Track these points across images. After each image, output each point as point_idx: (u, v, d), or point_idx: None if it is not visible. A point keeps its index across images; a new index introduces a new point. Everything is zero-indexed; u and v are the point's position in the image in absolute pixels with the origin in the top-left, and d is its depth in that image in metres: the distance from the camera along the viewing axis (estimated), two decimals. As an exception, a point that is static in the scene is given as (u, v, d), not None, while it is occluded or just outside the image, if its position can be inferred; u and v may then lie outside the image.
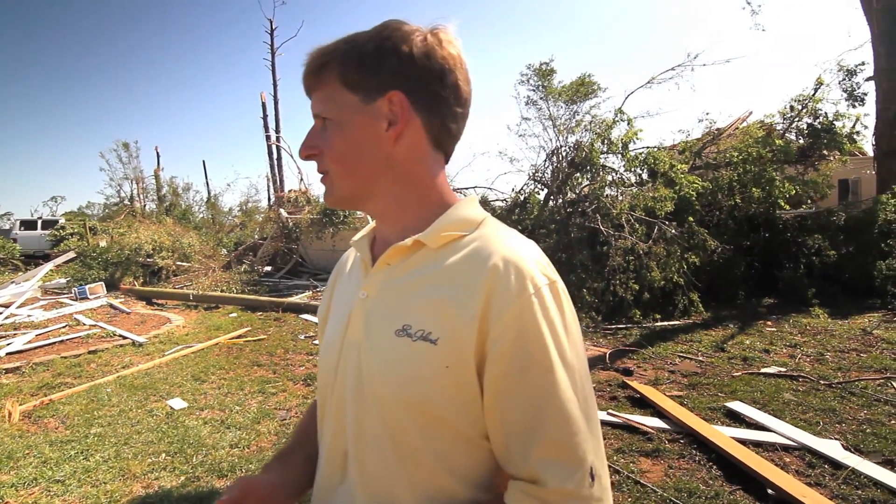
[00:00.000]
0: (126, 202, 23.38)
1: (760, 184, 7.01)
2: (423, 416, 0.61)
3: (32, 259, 17.95)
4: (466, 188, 12.29)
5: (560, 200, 8.44)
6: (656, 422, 3.29)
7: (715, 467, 2.73)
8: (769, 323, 5.65)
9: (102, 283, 10.26)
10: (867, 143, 8.91)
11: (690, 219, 6.74)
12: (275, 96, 22.31)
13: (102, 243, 13.51)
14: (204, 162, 36.39)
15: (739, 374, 4.10)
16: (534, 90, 11.28)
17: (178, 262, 11.53)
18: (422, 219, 0.68)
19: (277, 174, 20.55)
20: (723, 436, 2.95)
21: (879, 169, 8.53)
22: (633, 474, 2.69)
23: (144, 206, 22.57)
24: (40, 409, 3.98)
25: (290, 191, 14.69)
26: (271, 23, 22.67)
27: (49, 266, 12.81)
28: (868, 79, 8.31)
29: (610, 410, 3.47)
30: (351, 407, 0.67)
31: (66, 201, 44.36)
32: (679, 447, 2.98)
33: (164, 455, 3.14)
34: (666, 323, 5.87)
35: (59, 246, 17.33)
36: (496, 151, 12.81)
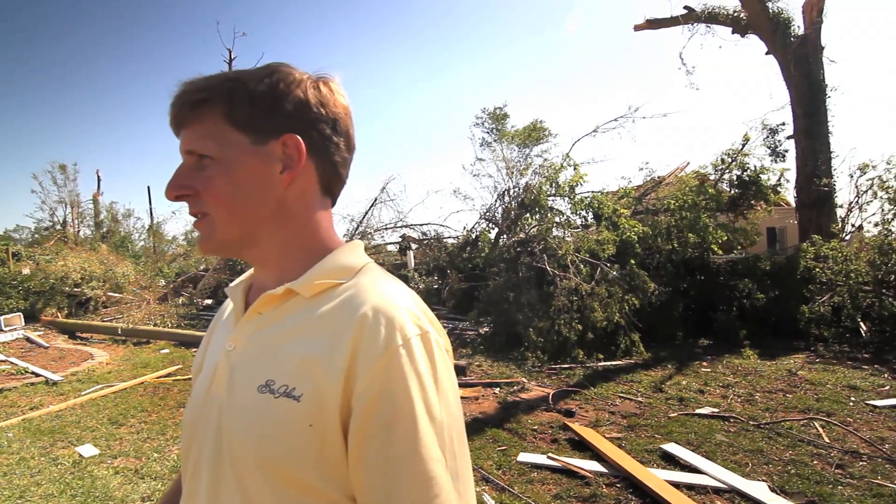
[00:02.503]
0: (58, 227, 21.92)
1: (696, 230, 7.42)
2: (283, 480, 0.56)
3: (-58, 286, 16.32)
4: (421, 224, 12.37)
5: (510, 240, 8.61)
6: (595, 465, 3.27)
7: (649, 512, 2.73)
8: (704, 363, 5.86)
9: (20, 314, 9.44)
10: (791, 195, 9.68)
11: (632, 261, 7.01)
12: (229, 125, 21.97)
13: (25, 270, 12.51)
14: (149, 188, 34.81)
15: (675, 414, 4.19)
16: (488, 132, 11.69)
17: (110, 293, 10.82)
18: (302, 265, 0.65)
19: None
20: (657, 479, 2.97)
21: (801, 219, 9.27)
22: (569, 522, 2.64)
23: (78, 231, 21.25)
24: (-78, 458, 3.52)
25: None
26: (230, 52, 22.55)
27: (-40, 294, 11.68)
28: (789, 137, 9.11)
29: (550, 454, 3.43)
30: (206, 471, 0.61)
31: (-10, 224, 41.11)
32: (616, 492, 2.97)
33: (62, 511, 2.82)
34: (608, 363, 5.97)
35: (-26, 272, 15.88)
36: (450, 190, 13.00)
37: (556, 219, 8.06)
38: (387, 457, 0.54)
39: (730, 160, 8.48)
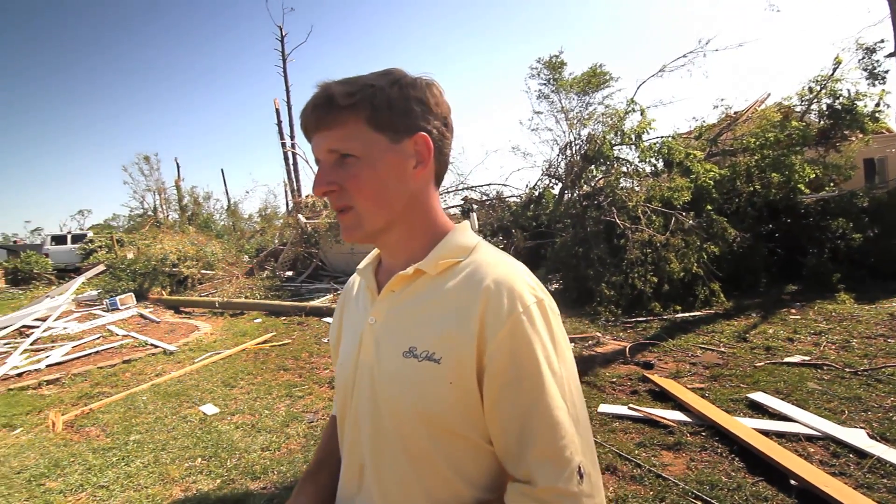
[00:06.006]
0: (150, 213, 24.00)
1: (779, 168, 6.89)
2: (433, 427, 0.68)
3: (64, 273, 18.57)
4: (481, 185, 12.33)
5: (575, 194, 8.43)
6: (677, 415, 3.30)
7: (737, 459, 2.74)
8: (793, 310, 5.57)
9: (132, 293, 10.60)
10: (893, 121, 8.66)
11: (709, 207, 6.68)
12: (288, 102, 22.63)
13: (130, 255, 13.91)
14: (223, 170, 37.39)
15: (762, 364, 4.08)
16: (545, 83, 11.27)
17: (203, 271, 11.83)
18: (424, 247, 0.75)
19: (294, 179, 20.85)
20: (745, 427, 2.96)
21: (905, 147, 8.31)
22: (655, 468, 2.72)
23: (167, 216, 23.14)
24: (81, 418, 4.17)
25: (307, 196, 14.91)
26: (281, 30, 22.96)
27: (81, 279, 13.26)
28: (889, 55, 8.07)
29: (630, 405, 3.50)
30: (366, 422, 0.74)
31: (92, 214, 45.73)
32: (701, 440, 3.00)
33: (199, 459, 3.28)
34: (687, 314, 5.84)
35: (88, 259, 17.92)
36: (509, 147, 12.79)
37: (624, 169, 7.77)
38: (518, 405, 0.64)
39: (818, 88, 7.69)
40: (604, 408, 3.53)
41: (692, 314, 5.84)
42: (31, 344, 7.18)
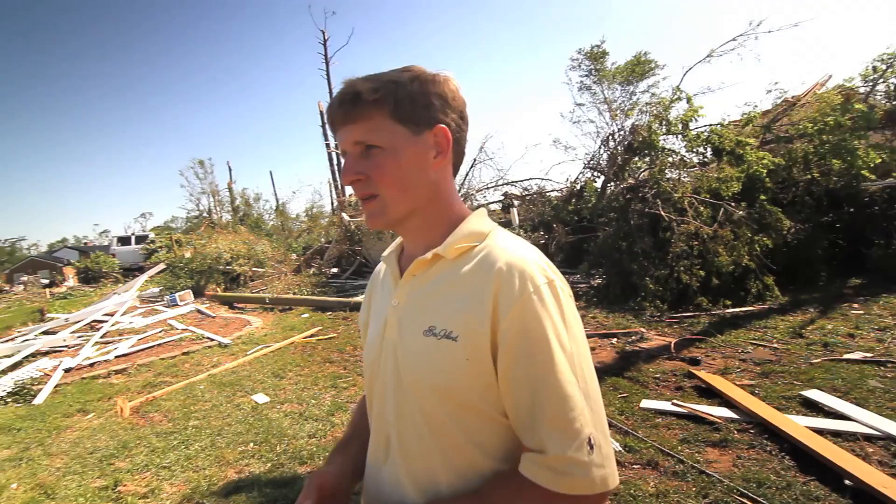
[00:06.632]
0: (205, 215, 25.24)
1: (840, 154, 6.45)
2: (451, 400, 0.73)
3: (129, 271, 19.89)
4: (522, 180, 12.24)
5: (618, 187, 8.23)
6: (724, 412, 3.20)
7: (787, 458, 2.64)
8: (855, 305, 5.24)
9: (190, 290, 11.23)
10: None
11: (762, 197, 6.36)
12: (331, 104, 23.15)
13: (187, 254, 14.72)
14: (271, 172, 38.64)
15: (818, 360, 3.87)
16: (586, 74, 11.06)
17: (254, 269, 12.37)
18: (442, 233, 0.80)
19: (338, 180, 21.37)
20: (797, 425, 2.84)
21: None
22: (699, 464, 2.65)
23: (221, 217, 24.26)
24: (146, 404, 4.49)
25: (350, 195, 15.26)
26: (324, 34, 23.52)
27: (144, 277, 14.15)
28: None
29: (674, 401, 3.42)
30: (391, 395, 0.80)
31: (153, 216, 48.57)
32: (749, 437, 2.90)
33: (252, 444, 3.47)
34: (737, 309, 5.60)
35: (150, 259, 19.10)
36: (550, 141, 12.62)
37: (669, 159, 7.50)
38: (529, 378, 0.68)
39: (884, 67, 7.15)
40: (646, 403, 3.46)
41: (743, 309, 5.59)
42: (101, 337, 7.76)
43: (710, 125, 7.44)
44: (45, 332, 8.51)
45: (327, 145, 20.20)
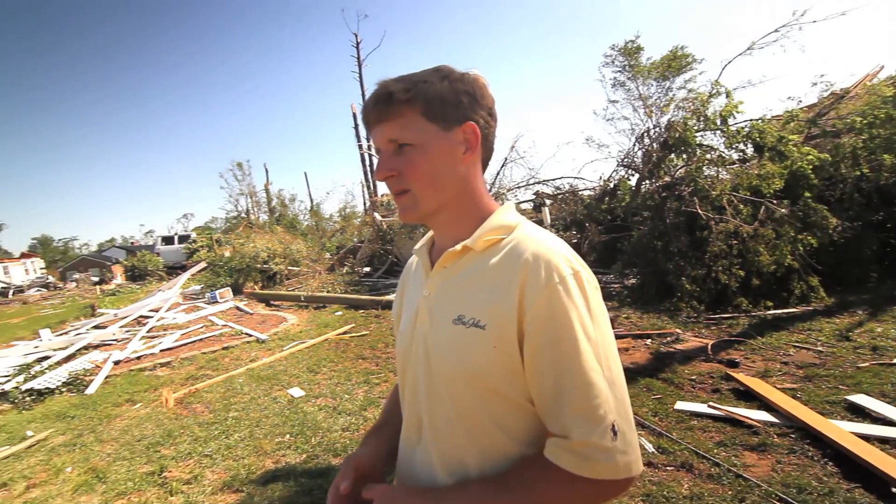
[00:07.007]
0: (243, 215, 26.05)
1: (892, 149, 6.12)
2: (479, 386, 0.75)
3: (173, 270, 20.76)
4: (553, 179, 12.12)
5: (653, 185, 8.04)
6: (763, 415, 3.10)
7: (830, 464, 2.54)
8: (908, 307, 4.97)
9: (229, 288, 11.64)
10: None
11: (806, 195, 6.09)
12: (364, 106, 23.46)
13: (227, 253, 15.25)
14: (305, 174, 39.63)
15: (867, 364, 3.70)
16: (620, 70, 10.85)
17: (290, 267, 12.70)
18: (472, 226, 0.83)
19: (371, 180, 21.66)
20: (841, 430, 2.73)
21: None
22: (735, 468, 2.59)
23: (258, 217, 24.98)
24: (189, 396, 4.70)
25: (382, 195, 15.47)
26: (356, 36, 23.88)
27: (186, 275, 14.74)
28: None
29: (710, 403, 3.33)
30: (422, 381, 0.83)
31: (194, 217, 50.49)
32: (789, 442, 2.81)
33: (288, 436, 3.59)
34: (779, 311, 5.40)
35: (192, 257, 19.88)
36: (582, 139, 12.45)
37: (707, 156, 7.27)
38: (554, 366, 0.70)
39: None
40: (681, 405, 3.39)
41: (786, 311, 5.38)
42: (147, 331, 8.14)
43: (751, 120, 7.19)
44: (96, 327, 8.99)
45: (360, 146, 20.50)
